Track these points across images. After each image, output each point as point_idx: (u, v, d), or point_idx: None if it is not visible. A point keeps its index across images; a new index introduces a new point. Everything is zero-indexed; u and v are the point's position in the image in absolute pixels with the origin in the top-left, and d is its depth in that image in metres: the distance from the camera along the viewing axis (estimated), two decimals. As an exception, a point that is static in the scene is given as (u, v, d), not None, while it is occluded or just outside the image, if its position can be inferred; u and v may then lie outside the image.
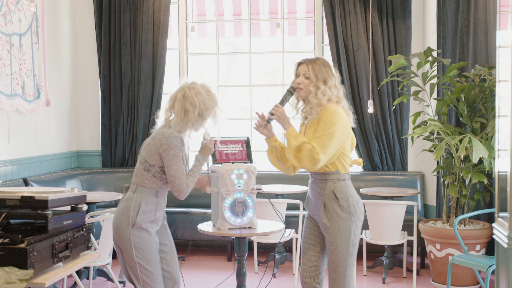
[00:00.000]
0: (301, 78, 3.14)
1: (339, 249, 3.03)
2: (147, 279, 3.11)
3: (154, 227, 3.19)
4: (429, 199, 6.11)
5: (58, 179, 5.80)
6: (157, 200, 3.19)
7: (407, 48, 6.08)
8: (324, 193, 3.07)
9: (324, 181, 3.09)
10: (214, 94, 3.29)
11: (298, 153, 3.01)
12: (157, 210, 3.18)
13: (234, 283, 4.49)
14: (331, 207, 3.04)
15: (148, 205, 3.15)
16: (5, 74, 5.17)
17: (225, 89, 7.26)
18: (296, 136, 3.05)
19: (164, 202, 3.27)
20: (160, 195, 3.21)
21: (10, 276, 1.61)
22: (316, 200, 3.12)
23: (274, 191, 5.43)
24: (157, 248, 3.17)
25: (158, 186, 3.19)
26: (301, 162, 3.00)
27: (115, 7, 6.46)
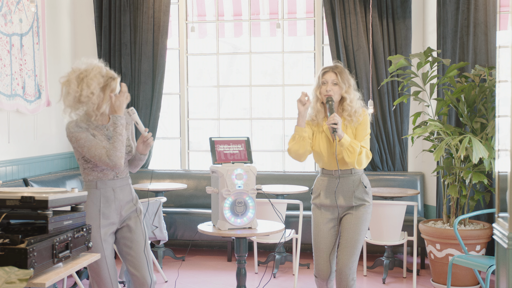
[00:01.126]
0: (330, 86, 3.37)
1: (361, 227, 3.42)
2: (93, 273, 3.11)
3: (104, 222, 3.07)
4: (429, 199, 6.11)
5: (58, 179, 5.80)
6: (99, 192, 3.08)
7: (407, 48, 6.08)
8: (354, 184, 3.44)
9: (353, 175, 3.45)
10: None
11: (358, 156, 3.32)
12: (102, 203, 3.07)
13: (234, 283, 4.49)
14: (360, 195, 3.43)
15: (90, 198, 3.05)
16: (5, 75, 5.17)
17: (225, 89, 7.27)
18: (353, 141, 3.33)
19: (113, 193, 3.11)
20: (102, 186, 3.08)
21: (10, 276, 1.61)
22: (345, 191, 3.42)
23: (274, 191, 5.43)
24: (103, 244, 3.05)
25: (94, 177, 3.09)
26: (361, 164, 3.35)
27: (115, 7, 6.46)
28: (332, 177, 3.47)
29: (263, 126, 7.49)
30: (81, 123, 3.07)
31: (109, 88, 3.06)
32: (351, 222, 3.43)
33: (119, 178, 3.15)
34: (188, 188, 6.32)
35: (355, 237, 3.41)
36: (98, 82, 3.03)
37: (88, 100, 3.01)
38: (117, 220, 3.15)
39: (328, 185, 3.47)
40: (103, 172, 3.09)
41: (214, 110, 6.93)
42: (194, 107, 7.06)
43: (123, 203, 3.16)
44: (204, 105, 7.32)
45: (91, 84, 3.00)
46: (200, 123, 7.26)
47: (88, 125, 3.08)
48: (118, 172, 3.14)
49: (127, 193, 3.19)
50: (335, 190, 3.43)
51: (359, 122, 3.41)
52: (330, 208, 3.48)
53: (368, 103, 5.80)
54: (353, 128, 3.42)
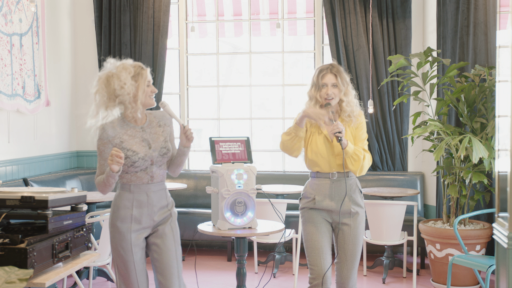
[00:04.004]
0: (330, 89, 3.26)
1: (360, 238, 3.31)
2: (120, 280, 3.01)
3: (135, 226, 2.97)
4: (429, 199, 6.11)
5: (58, 179, 5.80)
6: (133, 195, 2.98)
7: (407, 48, 6.08)
8: (351, 189, 3.30)
9: (348, 178, 3.31)
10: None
11: (363, 161, 3.25)
12: (134, 207, 2.97)
13: (234, 283, 4.49)
14: (357, 200, 3.31)
15: (122, 201, 2.97)
16: (6, 74, 5.17)
17: (225, 89, 7.26)
18: (356, 148, 3.25)
19: (147, 198, 3.00)
20: (136, 190, 2.98)
21: (10, 276, 1.61)
22: (341, 195, 3.27)
23: (274, 191, 5.43)
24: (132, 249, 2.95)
25: (128, 180, 2.99)
26: (363, 171, 3.27)
27: (115, 7, 6.46)
28: (328, 180, 3.28)
29: (263, 126, 7.49)
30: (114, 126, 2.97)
31: (141, 77, 2.95)
32: (350, 235, 3.27)
33: (154, 183, 3.02)
34: (188, 188, 6.32)
35: (355, 248, 3.29)
36: (128, 72, 2.94)
37: (123, 92, 2.91)
38: (150, 225, 3.02)
39: (324, 189, 3.28)
40: (137, 175, 2.98)
41: (214, 110, 6.93)
42: (194, 107, 7.06)
43: (157, 208, 3.03)
44: (204, 105, 7.32)
45: (121, 75, 2.92)
46: (200, 123, 7.26)
47: (122, 127, 2.99)
48: (153, 176, 3.01)
49: (161, 198, 3.05)
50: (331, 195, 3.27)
51: (358, 122, 3.32)
52: (325, 212, 3.30)
53: (368, 103, 5.80)
54: (352, 130, 3.31)
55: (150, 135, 3.03)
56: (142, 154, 2.96)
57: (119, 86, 2.91)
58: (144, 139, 3.00)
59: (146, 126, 3.05)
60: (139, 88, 2.94)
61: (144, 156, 2.96)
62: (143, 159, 2.96)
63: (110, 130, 2.96)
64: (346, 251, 3.29)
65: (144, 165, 2.98)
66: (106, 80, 2.95)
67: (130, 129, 3.00)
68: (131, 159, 2.94)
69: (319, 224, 3.29)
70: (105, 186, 2.92)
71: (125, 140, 2.96)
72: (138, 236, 3.00)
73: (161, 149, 3.03)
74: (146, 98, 2.99)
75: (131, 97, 2.94)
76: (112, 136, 2.95)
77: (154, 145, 3.01)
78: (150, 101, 3.01)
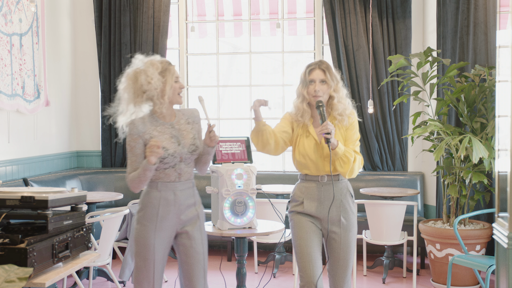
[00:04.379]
0: (318, 85, 3.09)
1: (352, 245, 3.14)
2: (134, 273, 2.99)
3: (161, 225, 2.93)
4: (429, 199, 6.11)
5: (58, 179, 5.80)
6: (160, 194, 2.94)
7: (407, 48, 6.08)
8: (342, 193, 3.12)
9: (339, 181, 3.13)
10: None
11: (352, 164, 3.05)
12: (161, 205, 2.93)
13: (234, 283, 4.49)
14: (347, 205, 3.12)
15: (149, 199, 2.95)
16: (6, 74, 5.17)
17: (225, 89, 7.26)
18: (347, 149, 3.04)
19: (174, 196, 2.95)
20: (163, 188, 2.95)
21: (10, 275, 1.61)
22: (329, 200, 3.09)
23: (274, 191, 5.43)
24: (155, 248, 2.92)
25: (155, 177, 2.96)
26: (353, 173, 3.08)
27: (115, 7, 6.46)
28: (318, 183, 3.11)
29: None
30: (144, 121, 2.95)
31: (168, 72, 2.95)
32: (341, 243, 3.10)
33: (181, 181, 2.98)
34: (188, 188, 6.32)
35: (346, 256, 3.12)
36: (155, 67, 2.93)
37: (150, 87, 2.89)
38: (176, 224, 2.98)
39: (312, 192, 3.11)
40: (165, 172, 2.95)
41: (214, 110, 6.93)
42: (194, 107, 7.05)
43: (184, 207, 2.98)
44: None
45: (148, 71, 2.91)
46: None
47: (152, 123, 2.96)
48: (181, 173, 2.97)
49: (188, 197, 3.00)
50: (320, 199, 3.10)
51: (350, 123, 3.12)
52: (313, 218, 3.12)
53: (368, 103, 5.81)
54: (342, 130, 3.12)
55: (179, 132, 3.01)
56: (172, 150, 2.94)
57: (146, 81, 2.90)
58: (173, 136, 2.98)
59: (175, 123, 3.03)
60: (167, 83, 2.94)
61: (173, 152, 2.94)
62: (173, 156, 2.94)
63: (140, 125, 2.94)
64: (338, 259, 3.12)
65: (173, 162, 2.94)
66: (133, 76, 2.95)
67: (159, 126, 2.98)
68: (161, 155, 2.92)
69: (308, 229, 3.10)
70: (140, 181, 2.90)
71: (155, 136, 2.93)
72: (163, 235, 2.96)
73: (190, 146, 3.00)
74: (174, 94, 2.99)
75: (159, 93, 2.93)
76: (142, 132, 2.93)
77: (183, 142, 2.98)
78: (178, 98, 3.01)
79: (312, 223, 3.11)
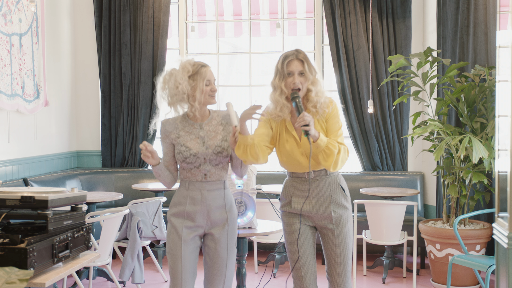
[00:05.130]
0: (297, 77, 2.91)
1: (348, 241, 2.98)
2: (169, 272, 3.00)
3: (188, 223, 2.96)
4: (429, 199, 6.11)
5: (58, 179, 5.80)
6: (187, 192, 2.97)
7: (407, 48, 6.08)
8: (331, 188, 2.96)
9: (328, 176, 2.97)
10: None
11: (336, 156, 2.84)
12: (188, 204, 2.95)
13: (234, 283, 4.49)
14: (339, 200, 2.96)
15: (178, 198, 2.99)
16: (6, 74, 5.17)
17: (225, 89, 7.26)
18: (329, 141, 2.83)
19: (200, 196, 2.95)
20: (191, 187, 2.97)
21: (11, 276, 1.61)
22: (319, 198, 2.96)
23: (274, 191, 5.43)
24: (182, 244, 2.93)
25: (184, 176, 3.00)
26: (337, 166, 2.87)
27: (115, 7, 6.46)
28: (304, 180, 2.97)
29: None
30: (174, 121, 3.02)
31: (199, 76, 2.93)
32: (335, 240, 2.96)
33: (208, 182, 2.97)
34: (188, 188, 6.32)
35: (343, 253, 2.97)
36: (186, 71, 2.92)
37: (177, 91, 2.91)
38: (204, 224, 2.98)
39: (299, 189, 2.99)
40: (191, 172, 2.97)
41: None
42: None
43: (212, 208, 2.96)
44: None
45: (178, 75, 2.92)
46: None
47: (182, 123, 3.01)
48: (206, 174, 2.97)
49: (217, 198, 2.98)
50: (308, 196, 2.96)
51: (328, 112, 2.93)
52: (303, 217, 3.00)
53: (368, 103, 5.81)
54: (322, 122, 2.94)
55: (207, 133, 3.02)
56: (194, 150, 2.95)
57: (175, 86, 2.92)
58: (200, 136, 3.00)
59: (205, 124, 3.05)
60: (197, 88, 2.94)
61: (196, 153, 2.95)
62: (195, 156, 2.95)
63: (169, 125, 3.02)
64: (334, 257, 2.98)
65: (197, 162, 2.96)
66: (168, 77, 2.98)
67: (188, 126, 3.01)
68: (183, 155, 2.95)
69: (306, 239, 2.99)
70: (158, 177, 3.04)
71: (181, 136, 2.99)
72: (191, 233, 2.97)
73: (216, 147, 2.98)
74: (205, 97, 2.99)
75: (187, 97, 2.95)
76: (169, 131, 3.01)
77: (209, 143, 2.98)
78: (211, 99, 3.01)
79: (302, 223, 2.99)
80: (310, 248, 3.00)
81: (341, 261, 2.98)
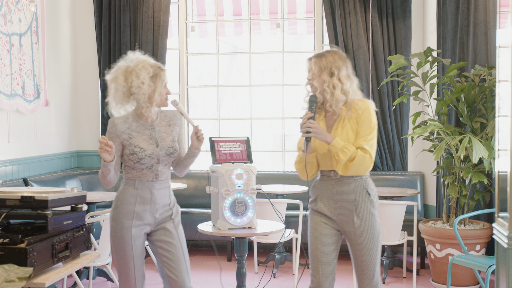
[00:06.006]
0: (309, 74, 3.00)
1: (371, 246, 2.96)
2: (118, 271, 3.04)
3: (136, 222, 2.99)
4: (429, 199, 6.11)
5: (58, 179, 5.80)
6: (136, 192, 3.00)
7: (407, 48, 6.08)
8: (356, 191, 2.95)
9: (354, 178, 2.96)
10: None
11: (349, 163, 2.88)
12: (137, 203, 2.99)
13: (234, 283, 4.49)
14: (363, 204, 2.95)
15: (125, 197, 3.01)
16: (5, 74, 5.17)
17: (225, 89, 7.26)
18: (342, 148, 2.87)
19: (150, 195, 3.01)
20: (140, 186, 3.00)
21: (10, 274, 1.60)
22: (343, 199, 2.96)
23: (274, 191, 5.43)
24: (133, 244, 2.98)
25: (133, 175, 3.03)
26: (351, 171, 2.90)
27: (115, 7, 6.46)
28: (330, 179, 2.99)
29: (263, 126, 7.48)
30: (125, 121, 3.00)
31: (159, 78, 2.97)
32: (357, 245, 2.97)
33: (158, 180, 3.03)
34: (188, 188, 6.32)
35: (363, 258, 2.97)
36: (147, 72, 2.94)
37: (139, 91, 2.92)
38: (151, 222, 3.04)
39: (325, 189, 3.01)
40: (142, 172, 3.01)
41: (214, 110, 6.93)
42: (194, 107, 7.06)
43: (159, 206, 3.04)
44: (204, 105, 7.32)
45: (140, 74, 2.93)
46: (200, 123, 7.25)
47: (133, 123, 3.01)
48: (157, 174, 3.02)
49: (164, 196, 3.07)
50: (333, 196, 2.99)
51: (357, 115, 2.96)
52: (327, 218, 3.02)
53: (368, 103, 5.80)
54: (352, 122, 2.97)
55: (158, 134, 3.05)
56: (149, 151, 2.99)
57: (137, 84, 2.92)
58: (152, 137, 3.03)
59: (156, 125, 3.08)
60: (156, 90, 2.98)
61: (151, 154, 2.99)
62: (150, 157, 2.99)
63: (121, 125, 2.99)
64: (356, 261, 3.00)
65: (150, 163, 3.00)
66: (124, 72, 2.97)
67: (139, 126, 3.03)
68: (138, 156, 2.97)
69: (320, 232, 3.00)
70: (103, 177, 2.98)
71: (134, 136, 2.99)
72: (139, 232, 3.02)
73: (168, 148, 3.05)
74: (161, 100, 3.03)
75: (146, 97, 2.97)
76: (121, 131, 2.98)
77: (161, 144, 3.03)
78: (165, 102, 3.06)
79: (325, 224, 3.01)
80: (331, 248, 3.00)
81: (363, 265, 2.98)
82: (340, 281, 5.12)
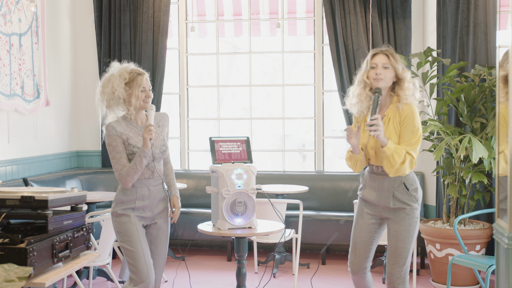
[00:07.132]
0: (380, 69, 3.09)
1: (404, 235, 3.15)
2: (129, 258, 3.18)
3: (137, 214, 3.21)
4: (429, 199, 6.11)
5: (58, 179, 5.80)
6: (136, 190, 3.21)
7: (407, 48, 6.08)
8: (394, 185, 3.15)
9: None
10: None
11: (400, 165, 3.05)
12: (137, 200, 3.21)
13: (234, 283, 4.49)
14: (400, 197, 3.15)
15: (126, 195, 3.21)
16: (4, 74, 5.17)
17: (225, 89, 7.27)
18: (397, 150, 3.04)
19: (148, 192, 3.24)
20: (138, 185, 3.21)
21: (9, 274, 1.60)
22: (384, 191, 3.18)
23: (274, 191, 5.43)
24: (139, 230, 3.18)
25: None
26: (399, 172, 3.09)
27: (115, 7, 6.46)
28: (373, 173, 3.23)
29: (263, 126, 7.49)
30: (120, 124, 3.21)
31: (135, 83, 3.17)
32: (392, 229, 3.18)
33: (154, 178, 3.26)
34: (188, 188, 6.32)
35: (398, 244, 3.16)
36: (122, 78, 3.17)
37: (114, 97, 3.15)
38: (149, 216, 3.27)
39: (369, 181, 3.25)
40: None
41: (214, 110, 6.93)
42: (194, 107, 7.06)
43: (156, 201, 3.28)
44: (204, 105, 7.32)
45: (115, 81, 3.16)
46: (200, 123, 7.26)
47: (127, 125, 3.22)
48: (153, 171, 3.24)
49: (160, 191, 3.30)
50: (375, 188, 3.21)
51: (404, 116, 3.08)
52: (371, 205, 3.26)
53: (368, 103, 5.80)
54: (396, 123, 3.11)
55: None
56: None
57: (111, 91, 3.15)
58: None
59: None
60: (132, 95, 3.18)
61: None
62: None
63: (118, 127, 3.19)
64: (390, 245, 3.19)
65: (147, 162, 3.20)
66: (106, 82, 3.22)
67: (133, 128, 3.25)
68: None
69: (361, 218, 3.27)
70: (136, 170, 3.12)
71: (131, 137, 3.21)
72: (140, 221, 3.24)
73: (161, 146, 3.29)
74: (140, 103, 3.21)
75: (123, 102, 3.19)
76: (121, 132, 3.19)
77: (155, 143, 3.25)
78: (145, 105, 3.24)
79: (368, 213, 3.25)
80: (366, 234, 3.25)
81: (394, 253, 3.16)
82: (340, 281, 5.13)
